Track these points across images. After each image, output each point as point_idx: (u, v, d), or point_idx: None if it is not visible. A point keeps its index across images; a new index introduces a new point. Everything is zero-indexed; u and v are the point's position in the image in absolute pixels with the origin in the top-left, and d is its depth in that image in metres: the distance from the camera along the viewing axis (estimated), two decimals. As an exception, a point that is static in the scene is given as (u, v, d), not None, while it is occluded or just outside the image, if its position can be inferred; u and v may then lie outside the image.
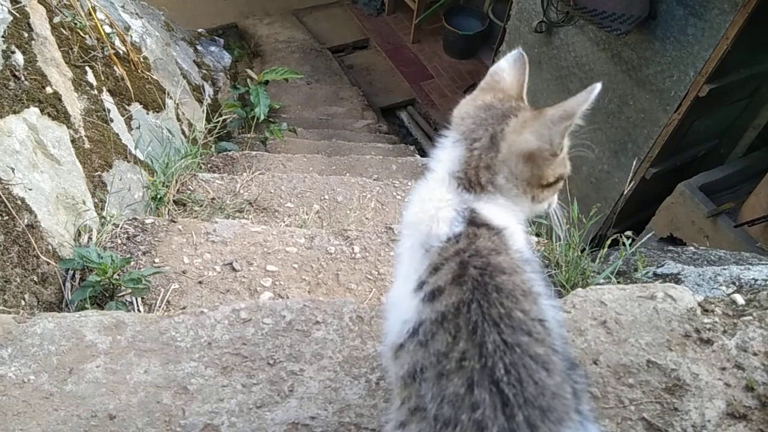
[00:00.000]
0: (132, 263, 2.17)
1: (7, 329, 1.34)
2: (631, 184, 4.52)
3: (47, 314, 1.44)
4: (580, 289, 1.50)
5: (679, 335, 1.36)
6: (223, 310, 1.43)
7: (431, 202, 1.02)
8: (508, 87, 1.10)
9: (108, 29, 3.01)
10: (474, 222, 0.98)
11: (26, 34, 2.32)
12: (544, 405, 0.82)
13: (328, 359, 1.35)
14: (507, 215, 1.03)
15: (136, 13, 3.68)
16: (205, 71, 4.32)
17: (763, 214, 3.60)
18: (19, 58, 2.22)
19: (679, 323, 1.38)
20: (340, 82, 5.91)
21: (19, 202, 1.98)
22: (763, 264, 2.10)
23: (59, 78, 2.47)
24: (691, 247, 2.36)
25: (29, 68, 2.27)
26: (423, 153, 5.08)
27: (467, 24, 6.15)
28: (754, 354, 1.32)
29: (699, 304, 1.43)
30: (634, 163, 4.29)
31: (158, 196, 2.71)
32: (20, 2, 2.28)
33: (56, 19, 2.47)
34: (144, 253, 2.23)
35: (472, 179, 1.01)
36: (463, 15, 6.24)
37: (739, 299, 1.46)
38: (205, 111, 3.70)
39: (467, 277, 0.90)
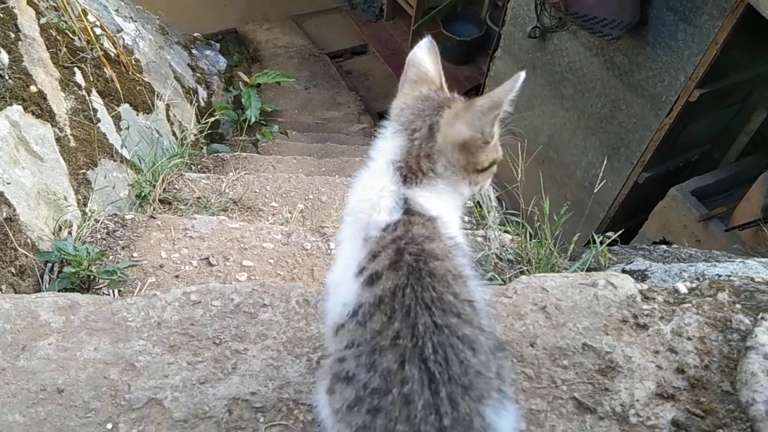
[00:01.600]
0: (110, 257, 2.24)
1: (-35, 309, 1.41)
2: (624, 188, 4.57)
3: (5, 295, 1.50)
4: (524, 276, 1.54)
5: (616, 320, 1.40)
6: (174, 293, 1.49)
7: (372, 191, 1.07)
8: (433, 77, 1.16)
9: (99, 31, 3.10)
10: (410, 211, 1.03)
11: (13, 35, 2.40)
12: (467, 383, 0.88)
13: (272, 339, 1.41)
14: (443, 203, 1.09)
15: (130, 17, 3.77)
16: (199, 75, 4.41)
17: (755, 218, 3.62)
18: (4, 57, 2.30)
19: (618, 309, 1.42)
20: (338, 87, 6.00)
21: (-2, 196, 2.05)
22: (729, 261, 2.13)
23: (45, 78, 2.55)
24: (663, 246, 2.40)
25: (14, 67, 2.35)
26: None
27: (465, 30, 6.22)
28: (689, 339, 1.36)
29: (640, 292, 1.47)
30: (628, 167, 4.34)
31: (142, 194, 2.78)
32: (7, 3, 2.37)
33: (43, 20, 2.56)
34: (123, 248, 2.30)
35: (413, 167, 1.06)
36: (461, 21, 6.31)
37: (682, 288, 1.50)
38: (197, 113, 3.77)
39: (403, 263, 0.95)
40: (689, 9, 3.63)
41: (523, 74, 1.06)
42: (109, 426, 1.23)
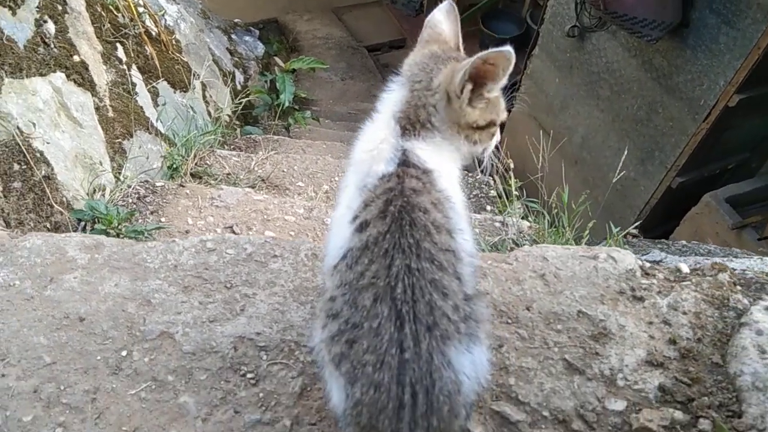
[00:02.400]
0: (139, 220, 2.37)
1: (1, 242, 1.55)
2: (656, 192, 4.54)
3: (37, 233, 1.64)
4: (526, 246, 1.61)
5: (613, 291, 1.46)
6: (191, 240, 1.61)
7: (374, 143, 1.16)
8: (447, 38, 1.24)
9: (142, 10, 3.26)
10: (406, 162, 1.11)
11: (60, 7, 2.56)
12: (431, 322, 0.96)
13: (280, 287, 1.51)
14: (441, 157, 1.16)
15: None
16: (237, 59, 4.57)
17: (790, 229, 3.58)
18: (50, 27, 2.46)
19: (616, 281, 1.48)
20: (374, 79, 6.09)
21: (38, 154, 2.20)
22: (747, 257, 2.15)
23: (88, 50, 2.72)
24: (683, 241, 2.42)
25: (60, 37, 2.51)
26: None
27: (505, 28, 6.24)
28: (684, 313, 1.41)
29: (641, 267, 1.52)
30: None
31: (174, 166, 2.92)
32: (56, -24, 2.53)
33: (89, -5, 2.72)
34: (152, 213, 2.43)
35: (412, 117, 1.15)
36: (501, 19, 6.34)
37: (684, 268, 1.54)
38: (233, 95, 3.92)
39: (388, 213, 1.03)
40: (732, 12, 3.60)
41: (510, 49, 1.13)
42: (124, 353, 1.35)
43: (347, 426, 1.03)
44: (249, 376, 1.33)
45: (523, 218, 2.59)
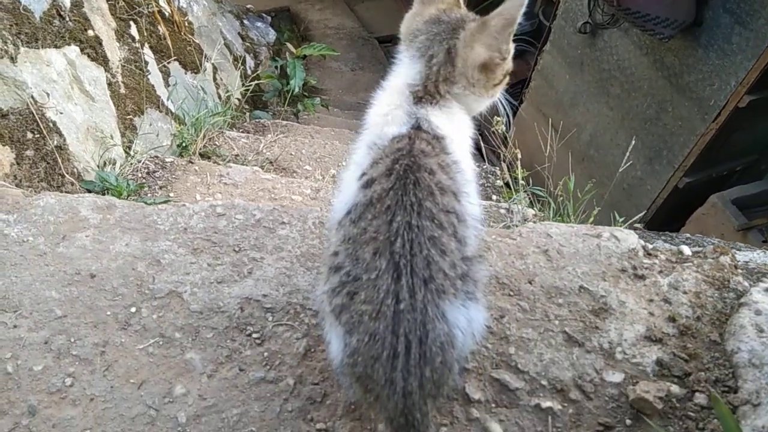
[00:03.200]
0: (149, 194, 2.41)
1: (15, 200, 1.59)
2: (663, 192, 4.56)
3: (51, 192, 1.68)
4: (530, 223, 1.64)
5: (615, 269, 1.49)
6: (201, 205, 1.65)
7: (389, 107, 1.19)
8: None
9: (156, -11, 3.30)
10: (419, 126, 1.14)
11: (76, -19, 2.61)
12: (427, 276, 0.99)
13: (287, 252, 1.54)
14: (454, 123, 1.20)
15: (187, -19, 3.98)
16: (248, 44, 4.61)
17: (795, 232, 3.60)
18: (66, 0, 2.50)
19: (618, 260, 1.51)
20: (384, 71, 6.08)
21: (50, 124, 2.24)
22: (750, 250, 2.18)
23: (102, 26, 2.76)
24: (687, 234, 2.45)
25: (75, 11, 2.55)
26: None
27: (516, 24, 6.27)
28: (684, 293, 1.44)
29: (643, 248, 1.55)
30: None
31: (183, 144, 2.96)
32: (73, -49, 2.57)
33: (105, -29, 2.76)
34: (161, 188, 2.47)
35: (432, 91, 1.18)
36: (513, 15, 6.36)
37: (686, 250, 1.57)
38: (243, 79, 3.95)
39: (394, 171, 1.07)
40: (746, 12, 3.61)
41: None
42: (133, 309, 1.39)
43: (343, 375, 1.08)
44: (254, 335, 1.36)
45: (528, 207, 2.62)
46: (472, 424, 1.24)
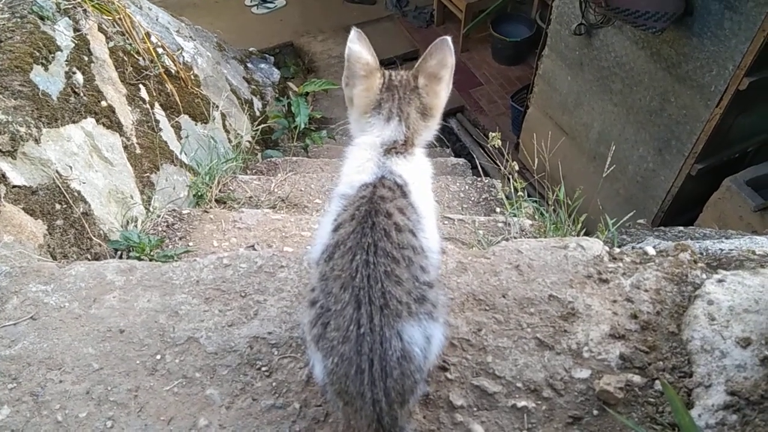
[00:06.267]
0: (170, 246, 2.69)
1: (51, 272, 1.87)
2: (677, 181, 4.66)
3: (80, 262, 1.96)
4: (503, 241, 1.85)
5: (581, 276, 1.69)
6: (210, 258, 1.91)
7: (361, 160, 1.43)
8: (371, 62, 1.49)
9: (161, 51, 3.61)
10: (383, 176, 1.38)
11: (86, 58, 2.92)
12: (382, 304, 1.22)
13: (287, 292, 1.79)
14: (417, 168, 1.44)
15: (190, 36, 4.31)
16: (254, 86, 4.92)
17: (814, 207, 3.68)
18: (79, 77, 2.81)
19: (584, 267, 1.71)
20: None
21: (75, 194, 2.54)
22: (738, 238, 2.33)
23: (114, 94, 3.07)
24: (680, 227, 2.61)
25: (88, 86, 2.86)
26: (471, 158, 5.37)
27: (515, 31, 6.47)
28: (646, 291, 1.63)
29: (608, 253, 1.75)
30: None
31: (199, 194, 3.24)
32: (81, 31, 2.88)
33: (111, 44, 3.07)
34: (180, 238, 2.74)
35: (409, 144, 1.44)
36: (511, 22, 6.57)
37: (650, 250, 1.76)
38: (252, 122, 4.24)
39: (355, 216, 1.31)
40: (734, -3, 3.72)
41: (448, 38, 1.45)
42: (158, 357, 1.65)
43: (327, 393, 1.32)
44: (263, 369, 1.61)
45: (527, 219, 2.81)
46: (457, 428, 1.45)
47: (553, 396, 1.48)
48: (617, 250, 1.79)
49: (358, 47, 1.48)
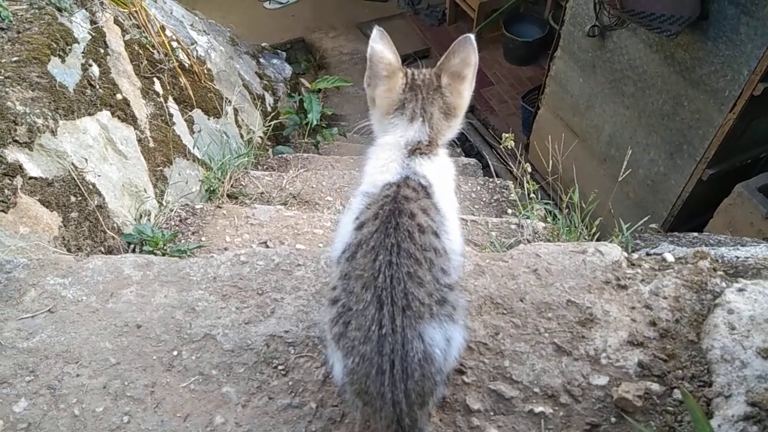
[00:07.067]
0: (182, 240, 2.69)
1: (69, 265, 1.87)
2: (687, 185, 4.64)
3: (98, 256, 1.96)
4: (521, 245, 1.84)
5: (600, 281, 1.68)
6: (227, 255, 1.91)
7: (385, 160, 1.42)
8: (394, 62, 1.48)
9: (175, 45, 3.61)
10: (407, 176, 1.37)
11: (102, 50, 2.92)
12: (404, 305, 1.22)
13: (304, 291, 1.79)
14: (440, 169, 1.43)
15: (203, 30, 4.30)
16: (266, 82, 4.92)
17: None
18: (95, 70, 2.81)
19: (603, 272, 1.70)
20: (401, 90, 6.32)
21: (90, 186, 2.54)
22: (753, 245, 2.32)
23: (129, 87, 3.06)
24: (695, 233, 2.60)
25: (103, 78, 2.86)
26: (480, 158, 5.36)
27: (527, 31, 6.45)
28: (665, 298, 1.62)
29: (626, 259, 1.74)
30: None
31: (212, 189, 3.24)
32: (97, 23, 2.88)
33: (127, 37, 3.07)
34: (193, 233, 2.74)
35: (433, 144, 1.43)
36: (524, 22, 6.55)
37: (669, 257, 1.75)
38: (263, 117, 4.23)
39: (379, 216, 1.30)
40: (751, 1, 3.69)
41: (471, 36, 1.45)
42: (175, 353, 1.65)
43: (345, 393, 1.31)
44: (280, 367, 1.61)
45: (541, 221, 2.80)
46: (474, 432, 1.45)
47: (571, 402, 1.47)
48: (635, 255, 1.78)
49: (380, 47, 1.47)
